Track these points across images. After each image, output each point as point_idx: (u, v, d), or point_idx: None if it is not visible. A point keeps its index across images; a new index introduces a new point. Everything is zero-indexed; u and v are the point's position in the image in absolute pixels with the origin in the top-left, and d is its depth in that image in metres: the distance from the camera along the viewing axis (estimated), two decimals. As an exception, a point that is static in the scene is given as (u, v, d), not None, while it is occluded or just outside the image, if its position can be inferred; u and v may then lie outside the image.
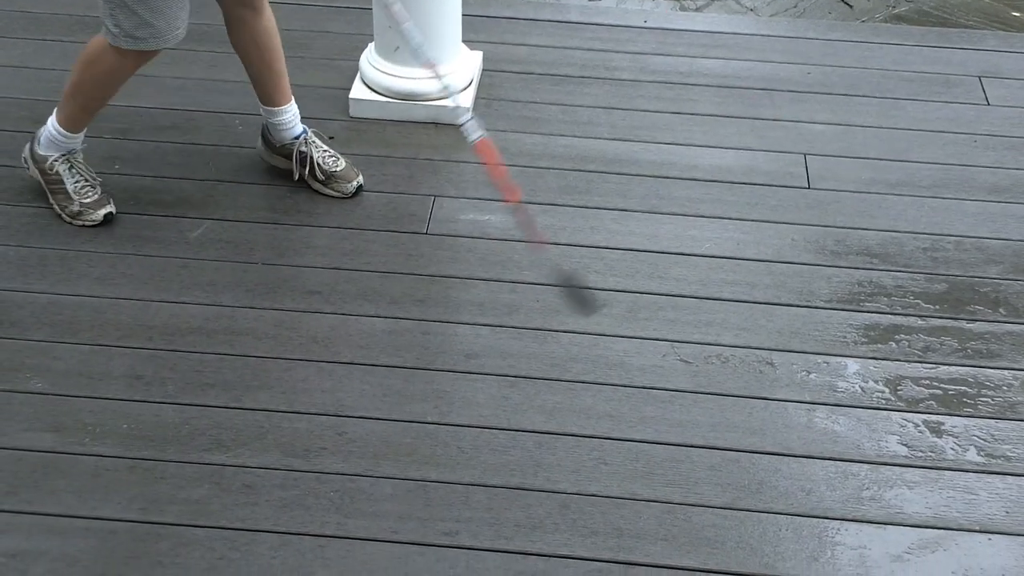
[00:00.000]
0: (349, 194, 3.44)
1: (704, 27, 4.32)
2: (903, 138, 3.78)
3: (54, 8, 4.22)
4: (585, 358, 3.00)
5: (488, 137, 2.84)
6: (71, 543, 2.54)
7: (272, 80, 3.37)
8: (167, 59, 3.66)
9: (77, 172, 3.32)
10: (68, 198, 3.31)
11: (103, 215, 3.32)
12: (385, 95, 3.76)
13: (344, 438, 2.78)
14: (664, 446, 2.79)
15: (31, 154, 3.36)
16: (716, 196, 3.52)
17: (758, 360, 3.01)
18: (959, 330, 3.12)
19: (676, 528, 2.62)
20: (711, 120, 3.83)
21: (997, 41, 4.32)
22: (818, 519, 2.65)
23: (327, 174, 3.44)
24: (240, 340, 3.00)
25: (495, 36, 4.17)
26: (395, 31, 3.37)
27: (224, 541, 2.55)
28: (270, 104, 3.41)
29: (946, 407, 2.92)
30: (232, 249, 3.27)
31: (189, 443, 2.75)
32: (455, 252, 3.31)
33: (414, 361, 2.98)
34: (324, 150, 3.46)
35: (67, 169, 3.31)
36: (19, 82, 3.86)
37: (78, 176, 3.32)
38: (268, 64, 3.34)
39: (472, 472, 2.72)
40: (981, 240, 3.40)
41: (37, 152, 3.33)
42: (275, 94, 3.39)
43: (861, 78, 4.05)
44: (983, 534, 2.64)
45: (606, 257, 3.29)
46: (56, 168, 3.31)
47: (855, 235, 3.40)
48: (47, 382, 2.88)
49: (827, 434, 2.84)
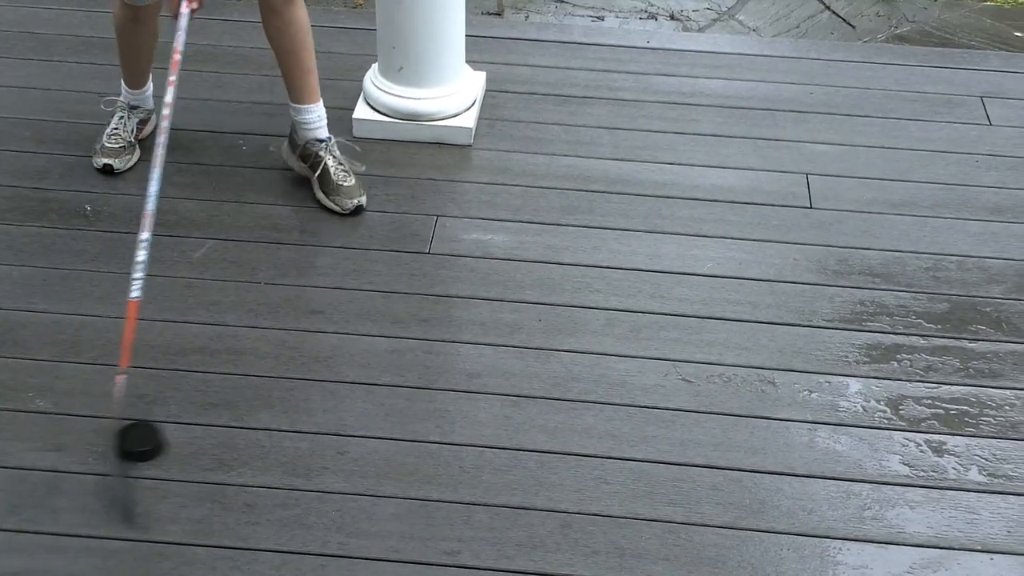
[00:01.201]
0: (348, 211, 3.45)
1: (706, 47, 4.33)
2: (905, 158, 3.79)
3: (60, 29, 4.24)
4: (587, 378, 3.00)
5: (139, 300, 2.74)
6: (73, 563, 2.54)
7: (300, 75, 3.43)
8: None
9: (121, 123, 3.59)
10: (100, 135, 3.61)
11: (102, 164, 3.56)
12: (389, 115, 3.78)
13: (346, 457, 2.78)
14: (666, 465, 2.79)
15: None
16: (718, 216, 3.52)
17: (760, 380, 3.01)
18: (961, 350, 3.12)
19: (678, 548, 2.61)
20: (713, 140, 3.84)
21: (999, 61, 4.33)
22: (820, 539, 2.65)
23: (333, 186, 3.46)
24: (243, 359, 3.01)
25: (499, 56, 4.19)
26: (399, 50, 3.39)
27: (226, 560, 2.55)
28: (297, 101, 3.46)
29: (948, 426, 2.91)
30: (235, 269, 3.28)
31: (191, 462, 2.75)
32: (458, 272, 3.31)
33: (416, 380, 2.98)
34: (339, 164, 3.48)
35: (117, 117, 3.61)
36: (25, 102, 3.88)
37: (119, 126, 3.59)
38: (297, 58, 3.40)
39: (474, 491, 2.72)
40: (983, 260, 3.40)
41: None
42: (302, 91, 3.44)
43: (863, 98, 4.06)
44: (985, 553, 2.63)
45: (608, 277, 3.30)
46: (113, 110, 3.62)
47: (857, 255, 3.40)
48: (50, 401, 2.88)
49: (829, 453, 2.83)
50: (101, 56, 3.99)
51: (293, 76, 3.44)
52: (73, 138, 3.68)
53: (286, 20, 3.34)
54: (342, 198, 3.46)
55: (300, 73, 3.43)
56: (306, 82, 3.44)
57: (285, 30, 3.36)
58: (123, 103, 3.61)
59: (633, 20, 4.71)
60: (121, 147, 3.56)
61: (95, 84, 3.91)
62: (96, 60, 4.03)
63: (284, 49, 3.40)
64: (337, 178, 3.47)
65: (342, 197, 3.46)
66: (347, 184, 3.47)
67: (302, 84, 3.44)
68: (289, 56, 3.40)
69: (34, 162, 3.62)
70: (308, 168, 3.50)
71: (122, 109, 3.60)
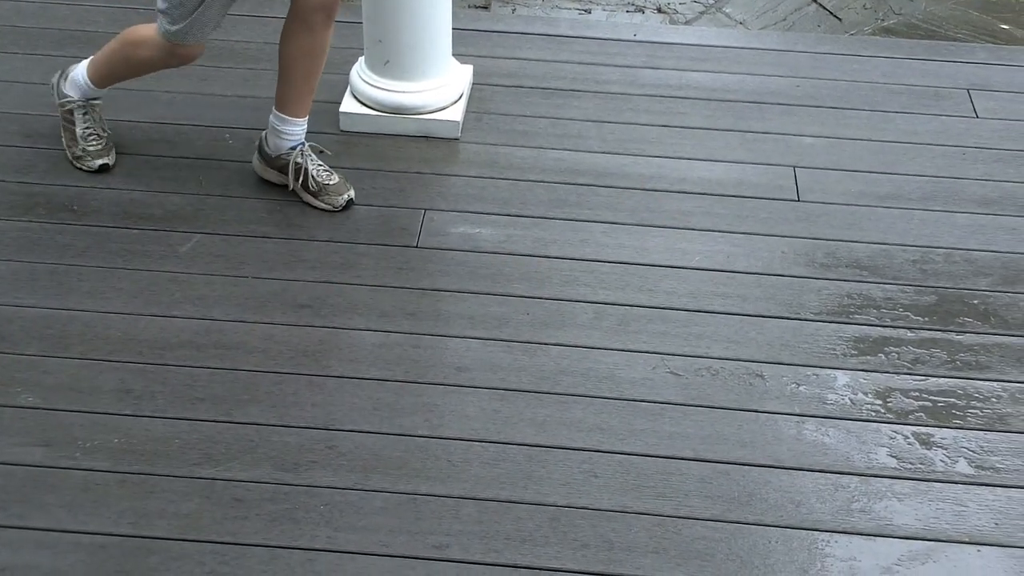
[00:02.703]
0: (339, 207, 3.45)
1: (694, 40, 4.33)
2: (892, 151, 3.79)
3: (44, 23, 4.22)
4: (575, 371, 3.00)
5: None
6: (61, 558, 2.54)
7: (303, 92, 3.39)
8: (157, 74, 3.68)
9: (90, 119, 3.52)
10: (74, 140, 3.53)
11: (98, 164, 3.50)
12: (375, 109, 3.77)
13: (334, 451, 2.78)
14: (654, 459, 2.79)
15: (57, 86, 3.57)
16: (706, 209, 3.53)
17: (748, 372, 3.01)
18: (948, 342, 3.13)
19: (666, 540, 2.62)
20: (701, 133, 3.84)
21: (986, 54, 4.34)
22: (808, 531, 2.65)
23: (319, 186, 3.44)
24: (230, 354, 3.00)
25: (485, 50, 4.18)
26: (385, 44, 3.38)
27: (214, 555, 2.55)
28: (288, 113, 3.41)
29: (935, 419, 2.92)
30: (222, 263, 3.27)
31: (179, 457, 2.75)
32: (445, 265, 3.31)
33: (404, 374, 2.98)
34: (319, 164, 3.47)
35: (82, 115, 3.51)
36: (9, 97, 3.86)
37: (90, 123, 3.52)
38: (309, 76, 3.37)
39: (462, 485, 2.72)
40: (970, 252, 3.41)
41: (61, 88, 3.54)
42: (298, 105, 3.41)
43: (850, 91, 4.07)
44: (972, 546, 2.64)
45: (596, 270, 3.30)
46: (72, 109, 3.51)
47: (844, 247, 3.40)
48: (37, 396, 2.87)
49: (817, 446, 2.84)
50: (86, 49, 3.95)
51: (299, 93, 3.39)
52: (58, 132, 3.65)
53: (319, 43, 3.29)
54: (331, 196, 3.45)
55: (306, 92, 3.39)
56: (306, 100, 3.41)
57: (312, 50, 3.31)
58: (80, 101, 3.51)
59: (620, 13, 4.71)
60: (103, 143, 3.53)
61: (80, 78, 3.89)
62: (81, 53, 3.98)
63: (302, 68, 3.34)
64: (321, 179, 3.45)
65: (331, 196, 3.45)
66: (332, 182, 3.46)
67: (301, 101, 3.41)
68: (304, 77, 3.36)
69: (20, 156, 3.61)
70: (286, 175, 3.47)
71: (82, 108, 3.52)
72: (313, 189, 3.44)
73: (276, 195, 3.49)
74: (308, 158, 3.45)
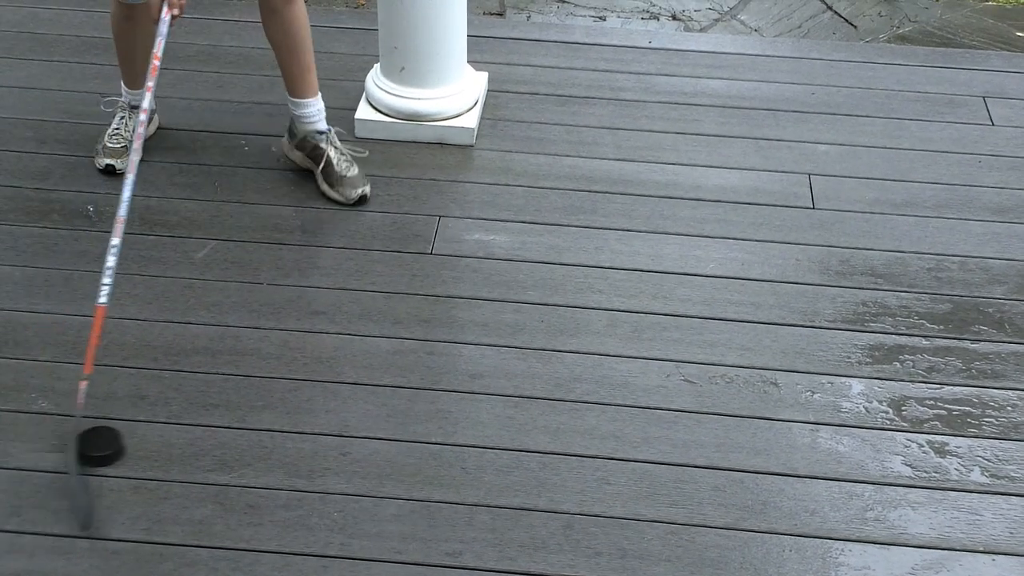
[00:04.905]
0: (351, 200, 3.46)
1: (708, 47, 4.33)
2: (907, 158, 3.79)
3: (60, 30, 4.23)
4: (589, 378, 3.00)
5: (106, 306, 2.79)
6: (75, 564, 2.54)
7: (300, 73, 3.46)
8: (172, 79, 3.69)
9: (123, 124, 3.60)
10: (101, 135, 3.61)
11: (104, 164, 3.56)
12: (390, 115, 3.78)
13: (348, 458, 2.78)
14: (668, 466, 2.79)
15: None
16: (720, 216, 3.52)
17: (762, 380, 3.01)
18: (963, 350, 3.12)
19: (680, 549, 2.61)
20: (715, 140, 3.84)
21: (1001, 61, 4.33)
22: (822, 540, 2.65)
23: (337, 176, 3.47)
24: (244, 360, 3.01)
25: (500, 57, 4.18)
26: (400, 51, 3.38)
27: (227, 562, 2.55)
28: (296, 95, 3.48)
29: (950, 427, 2.91)
30: (237, 269, 3.28)
31: (193, 463, 2.75)
32: (460, 272, 3.31)
33: (418, 381, 2.98)
34: (342, 153, 3.50)
35: (118, 118, 3.61)
36: (26, 103, 3.87)
37: (120, 127, 3.59)
38: (296, 54, 3.43)
39: (476, 492, 2.72)
40: (985, 260, 3.40)
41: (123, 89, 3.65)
42: (301, 85, 3.48)
43: (865, 98, 4.06)
44: (987, 555, 2.63)
45: (610, 277, 3.30)
46: (114, 111, 3.62)
47: (859, 255, 3.40)
48: (51, 402, 2.88)
49: (831, 454, 2.83)
50: (102, 56, 3.98)
51: (293, 73, 3.46)
52: (75, 138, 3.68)
53: (286, 19, 3.36)
54: (346, 188, 3.47)
55: (300, 71, 3.45)
56: (306, 78, 3.47)
57: (286, 29, 3.38)
58: (124, 103, 3.61)
59: (635, 20, 4.70)
60: (123, 147, 3.55)
61: (96, 84, 3.91)
62: (97, 60, 4.02)
63: (284, 48, 3.42)
64: (340, 168, 3.48)
65: (345, 187, 3.47)
66: (350, 174, 3.48)
67: (302, 80, 3.47)
68: (289, 55, 3.43)
69: (36, 162, 3.62)
70: (310, 159, 3.51)
71: (123, 109, 3.60)
72: (330, 178, 3.48)
73: (291, 202, 3.50)
74: (332, 145, 3.51)
